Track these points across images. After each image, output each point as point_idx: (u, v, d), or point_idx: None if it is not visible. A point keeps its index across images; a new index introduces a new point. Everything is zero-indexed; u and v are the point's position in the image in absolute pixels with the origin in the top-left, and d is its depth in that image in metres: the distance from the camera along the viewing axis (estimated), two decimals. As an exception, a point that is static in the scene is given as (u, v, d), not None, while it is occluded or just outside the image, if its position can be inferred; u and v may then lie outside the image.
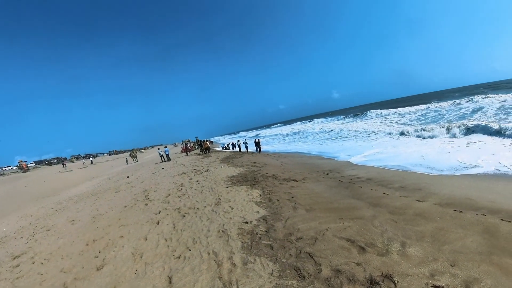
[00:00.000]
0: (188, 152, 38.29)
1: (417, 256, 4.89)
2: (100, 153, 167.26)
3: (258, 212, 7.85)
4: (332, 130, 40.34)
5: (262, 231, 6.52)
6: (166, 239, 6.95)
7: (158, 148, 37.83)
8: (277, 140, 48.64)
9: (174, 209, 9.33)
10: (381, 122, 39.44)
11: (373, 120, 45.84)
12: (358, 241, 5.54)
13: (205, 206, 9.04)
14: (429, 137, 21.07)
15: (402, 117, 40.84)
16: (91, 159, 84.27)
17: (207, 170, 16.56)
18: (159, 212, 9.21)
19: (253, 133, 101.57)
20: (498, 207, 7.22)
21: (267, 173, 13.58)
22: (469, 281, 4.12)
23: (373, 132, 29.45)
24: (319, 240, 5.72)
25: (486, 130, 18.30)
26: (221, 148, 45.79)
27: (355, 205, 7.95)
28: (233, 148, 40.58)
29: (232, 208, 8.42)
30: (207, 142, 34.28)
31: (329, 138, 34.34)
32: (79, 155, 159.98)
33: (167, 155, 31.54)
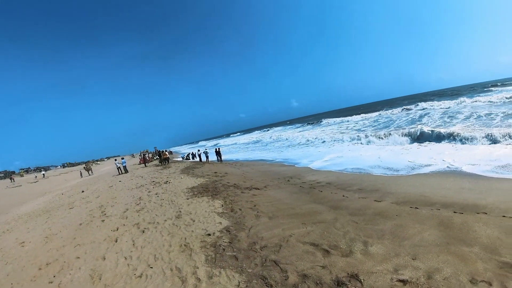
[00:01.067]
0: (146, 163, 36.83)
1: (380, 253, 5.08)
2: (52, 166, 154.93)
3: (220, 223, 7.68)
4: (287, 138, 41.13)
5: (225, 242, 6.35)
6: (125, 258, 6.50)
7: (115, 160, 35.97)
8: (238, 148, 48.59)
9: (133, 224, 8.84)
10: (337, 129, 41.13)
11: (329, 128, 47.67)
12: (322, 244, 5.64)
13: (166, 220, 8.67)
14: (383, 140, 22.17)
15: (356, 123, 43.27)
16: (42, 172, 77.26)
17: (167, 181, 16.07)
18: (117, 229, 8.66)
19: (213, 142, 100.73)
20: (450, 201, 7.82)
21: (228, 183, 13.46)
22: (430, 271, 4.35)
23: (331, 138, 30.44)
24: (283, 246, 5.72)
25: (433, 133, 19.66)
26: (181, 159, 44.66)
27: (317, 209, 8.09)
28: (193, 158, 39.81)
29: (194, 221, 8.16)
30: (166, 153, 33.28)
31: (289, 146, 34.91)
32: (29, 168, 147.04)
33: (125, 167, 30.10)
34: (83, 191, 19.92)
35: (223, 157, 31.05)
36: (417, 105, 43.17)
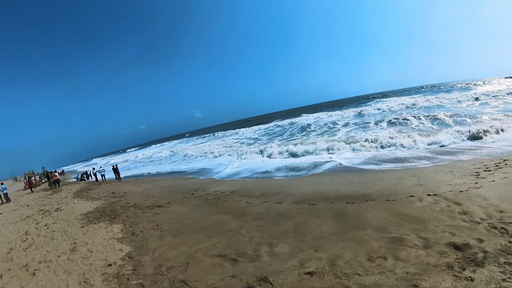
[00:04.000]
0: (33, 188, 30.76)
1: (285, 252, 5.29)
2: None
3: (121, 249, 6.91)
4: (185, 154, 40.14)
5: (129, 270, 5.71)
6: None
7: None
8: (140, 163, 45.00)
9: (20, 267, 7.18)
10: (236, 140, 42.19)
11: (228, 138, 48.47)
12: (230, 254, 5.61)
13: (59, 256, 7.33)
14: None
15: (254, 132, 45.41)
16: None
17: (58, 209, 13.77)
18: (1, 277, 6.93)
19: (108, 158, 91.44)
20: (343, 194, 8.71)
21: (128, 203, 12.34)
22: (333, 259, 4.71)
23: (232, 150, 31.02)
24: (191, 264, 5.48)
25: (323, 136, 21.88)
26: (74, 180, 38.89)
27: (222, 219, 8.04)
28: (87, 178, 35.26)
29: (92, 252, 7.12)
30: (56, 174, 28.55)
31: (186, 159, 34.09)
32: None
33: (6, 195, 24.40)
34: None
35: (122, 174, 28.43)
36: (301, 116, 47.93)
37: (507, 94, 31.31)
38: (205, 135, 69.62)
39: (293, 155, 19.16)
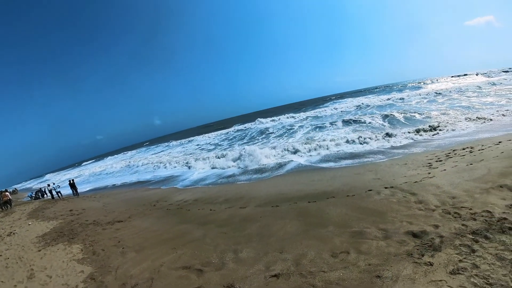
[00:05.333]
0: None
1: (250, 256, 5.22)
2: None
3: (82, 271, 6.48)
4: (142, 163, 38.80)
5: None
6: None
7: None
8: (98, 177, 42.64)
9: None
10: (198, 146, 41.67)
11: (188, 145, 47.62)
12: (195, 265, 5.45)
13: (15, 286, 6.68)
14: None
15: (215, 138, 45.49)
16: None
17: (11, 233, 12.58)
18: None
19: (63, 173, 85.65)
20: (304, 194, 8.83)
21: (87, 221, 11.63)
22: (297, 259, 4.70)
23: (191, 155, 30.51)
24: (155, 279, 5.26)
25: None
26: (28, 198, 35.81)
27: (186, 229, 7.82)
28: (43, 196, 32.73)
29: (51, 277, 6.59)
30: (7, 194, 26.14)
31: (148, 170, 33.01)
32: None
33: None
34: None
35: (79, 189, 26.76)
36: (258, 120, 48.99)
37: (453, 91, 33.95)
38: (165, 143, 67.90)
39: (249, 161, 19.26)
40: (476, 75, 65.51)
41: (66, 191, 27.55)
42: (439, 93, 34.16)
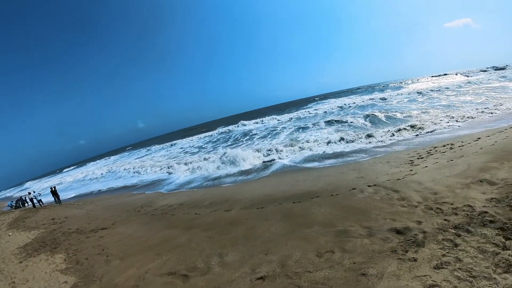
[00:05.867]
0: None
1: (236, 260, 5.17)
2: None
3: (66, 282, 6.32)
4: (123, 167, 38.13)
5: None
6: None
7: None
8: (82, 183, 41.47)
9: None
10: (182, 149, 41.27)
11: (172, 149, 47.11)
12: (180, 270, 5.36)
13: None
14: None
15: (199, 140, 45.23)
16: None
17: None
18: None
19: (44, 180, 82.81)
20: (289, 194, 8.80)
21: (70, 229, 11.31)
22: (283, 260, 4.67)
23: (175, 159, 30.26)
24: (140, 286, 5.18)
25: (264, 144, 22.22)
26: (8, 208, 34.44)
27: (170, 235, 7.70)
28: (23, 205, 31.62)
29: None
30: None
31: (133, 175, 32.52)
32: None
33: None
34: None
35: (62, 196, 26.02)
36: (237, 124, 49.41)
37: (433, 91, 34.84)
38: (148, 147, 67.05)
39: (234, 163, 19.21)
40: (456, 74, 67.51)
41: (48, 198, 26.88)
42: (420, 93, 34.95)
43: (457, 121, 16.08)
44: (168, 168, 24.94)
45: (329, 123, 25.65)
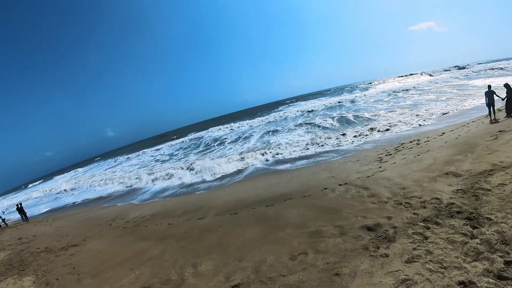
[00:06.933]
0: None
1: (210, 269, 5.02)
2: None
3: None
4: (91, 179, 36.84)
5: None
6: None
7: None
8: (49, 198, 39.36)
9: None
10: (153, 157, 40.50)
11: (144, 157, 46.15)
12: (154, 284, 5.14)
13: None
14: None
15: (170, 148, 44.54)
16: None
17: None
18: None
19: (10, 197, 77.90)
20: (262, 198, 8.77)
21: (38, 248, 10.67)
22: (257, 266, 4.57)
23: (146, 168, 29.62)
24: None
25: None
26: None
27: (143, 247, 7.43)
28: None
29: None
30: None
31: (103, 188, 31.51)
32: None
33: None
34: None
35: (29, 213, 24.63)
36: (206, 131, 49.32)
37: (399, 90, 36.26)
38: (118, 157, 65.25)
39: (206, 169, 19.02)
40: (421, 74, 70.97)
41: (15, 215, 25.50)
42: (386, 93, 36.28)
43: (422, 118, 16.75)
44: (138, 178, 24.34)
45: (299, 125, 26.03)
